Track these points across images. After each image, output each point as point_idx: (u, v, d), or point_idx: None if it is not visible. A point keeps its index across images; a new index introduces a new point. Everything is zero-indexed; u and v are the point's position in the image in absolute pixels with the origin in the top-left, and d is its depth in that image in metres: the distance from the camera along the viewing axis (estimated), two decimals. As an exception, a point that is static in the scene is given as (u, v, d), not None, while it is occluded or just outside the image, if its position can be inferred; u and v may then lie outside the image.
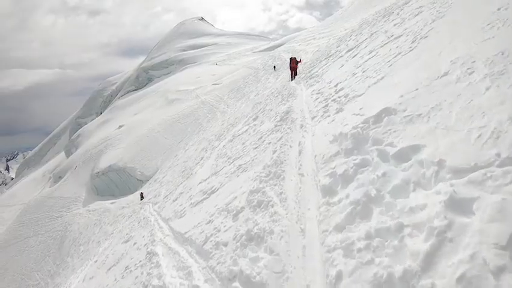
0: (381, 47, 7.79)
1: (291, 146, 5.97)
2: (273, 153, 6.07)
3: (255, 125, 10.19)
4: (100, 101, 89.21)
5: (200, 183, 8.31)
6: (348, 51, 10.78)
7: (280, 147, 6.17)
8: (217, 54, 72.95)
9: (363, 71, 6.86)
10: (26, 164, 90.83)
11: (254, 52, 62.66)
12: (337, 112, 5.70)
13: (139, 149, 28.84)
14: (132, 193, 23.30)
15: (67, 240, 21.79)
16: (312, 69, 12.71)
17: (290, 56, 16.41)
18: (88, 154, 35.58)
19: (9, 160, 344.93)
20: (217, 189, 6.52)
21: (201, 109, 31.92)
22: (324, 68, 11.38)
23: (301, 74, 13.69)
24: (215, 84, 38.57)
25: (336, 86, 7.55)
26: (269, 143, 6.92)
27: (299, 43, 30.92)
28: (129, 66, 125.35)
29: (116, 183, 27.07)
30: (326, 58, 13.16)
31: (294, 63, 14.11)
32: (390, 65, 5.81)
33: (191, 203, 7.04)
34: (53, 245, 23.29)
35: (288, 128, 7.12)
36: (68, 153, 48.26)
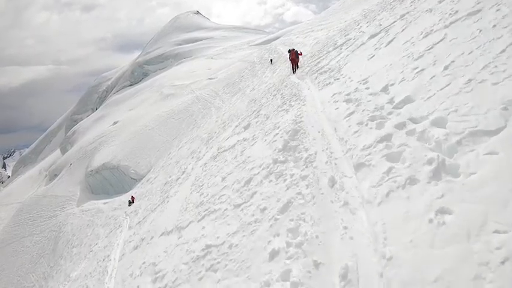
0: (446, 27, 5.10)
1: (318, 264, 2.83)
2: (271, 259, 3.26)
3: (244, 140, 7.99)
4: (95, 96, 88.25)
5: (162, 235, 6.71)
6: (372, 37, 8.44)
7: (289, 255, 3.13)
8: (212, 48, 71.84)
9: (445, 67, 3.92)
10: (22, 161, 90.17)
11: (250, 46, 61.60)
12: (435, 174, 2.65)
13: (133, 146, 28.27)
14: (126, 192, 22.86)
15: (60, 241, 21.41)
16: (319, 62, 10.51)
17: (288, 48, 15.10)
18: (82, 151, 35.03)
19: (6, 158, 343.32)
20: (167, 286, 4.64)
21: (196, 104, 31.27)
22: (339, 59, 8.94)
23: (304, 67, 11.65)
24: (210, 79, 37.80)
25: (385, 90, 4.58)
26: (263, 210, 4.11)
27: (296, 36, 30.08)
28: (124, 61, 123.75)
29: (110, 181, 26.57)
30: (334, 48, 11.06)
31: (293, 56, 12.66)
32: None
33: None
34: (47, 245, 22.95)
35: (301, 177, 4.08)
36: (64, 151, 47.69)
